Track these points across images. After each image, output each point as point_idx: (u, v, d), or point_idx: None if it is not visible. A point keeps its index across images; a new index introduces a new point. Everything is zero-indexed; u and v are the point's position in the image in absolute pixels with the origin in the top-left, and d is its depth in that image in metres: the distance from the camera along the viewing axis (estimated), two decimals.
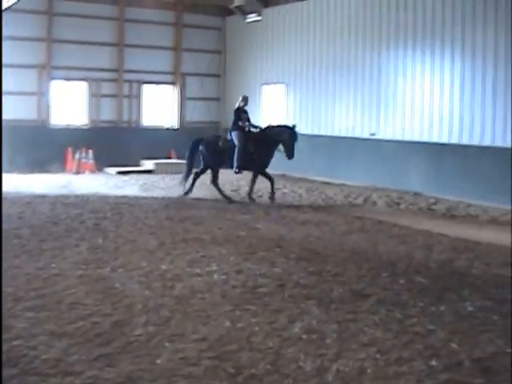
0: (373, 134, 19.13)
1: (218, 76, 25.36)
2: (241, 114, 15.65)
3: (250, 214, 13.39)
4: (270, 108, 23.06)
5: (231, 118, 15.87)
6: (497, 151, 15.56)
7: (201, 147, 15.77)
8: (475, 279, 8.35)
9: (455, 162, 16.57)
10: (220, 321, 6.47)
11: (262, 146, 15.29)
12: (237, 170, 15.41)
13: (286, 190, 17.31)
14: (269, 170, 15.64)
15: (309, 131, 20.94)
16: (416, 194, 16.91)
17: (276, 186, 15.60)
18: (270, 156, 15.55)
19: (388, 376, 5.16)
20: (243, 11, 21.23)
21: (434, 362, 5.40)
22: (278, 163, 16.21)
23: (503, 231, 12.15)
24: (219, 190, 15.61)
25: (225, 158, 15.49)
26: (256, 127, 15.79)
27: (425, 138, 17.56)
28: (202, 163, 15.85)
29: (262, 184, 15.62)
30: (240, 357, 5.53)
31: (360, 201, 15.81)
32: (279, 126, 15.85)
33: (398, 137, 18.32)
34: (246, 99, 15.96)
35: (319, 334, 6.10)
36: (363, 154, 19.19)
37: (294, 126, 15.43)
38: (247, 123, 15.58)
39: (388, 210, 14.84)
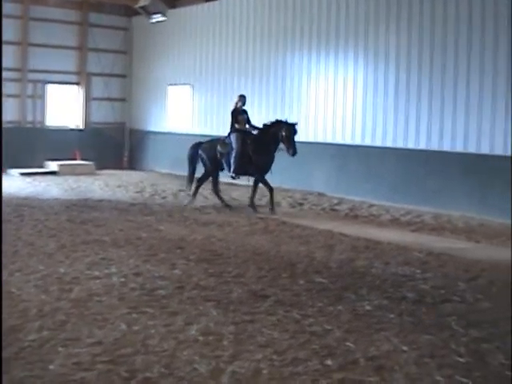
0: None
1: (123, 76, 25.04)
2: (238, 115, 14.68)
3: (152, 215, 13.23)
4: (176, 109, 22.91)
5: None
6: (397, 152, 15.89)
7: (200, 152, 15.11)
8: (374, 278, 8.45)
9: (358, 162, 16.82)
10: (116, 324, 6.33)
11: (261, 148, 14.31)
12: (233, 175, 14.60)
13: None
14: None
15: (214, 133, 20.91)
16: (320, 195, 17.09)
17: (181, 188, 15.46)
18: (271, 159, 14.39)
19: (283, 376, 5.14)
20: (148, 11, 21.12)
21: (329, 362, 5.41)
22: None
23: (403, 230, 12.44)
24: (220, 198, 14.94)
25: (224, 162, 14.72)
26: (256, 128, 14.72)
27: (328, 140, 17.76)
28: (203, 169, 15.28)
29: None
30: (134, 360, 5.41)
31: (263, 202, 15.84)
32: (275, 123, 14.34)
33: (303, 138, 18.44)
34: (242, 98, 14.96)
35: (216, 336, 6.03)
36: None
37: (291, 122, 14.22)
38: (248, 125, 14.72)
39: (291, 210, 14.92)
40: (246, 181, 15.04)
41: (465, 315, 6.95)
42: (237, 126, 14.59)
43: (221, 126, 21.08)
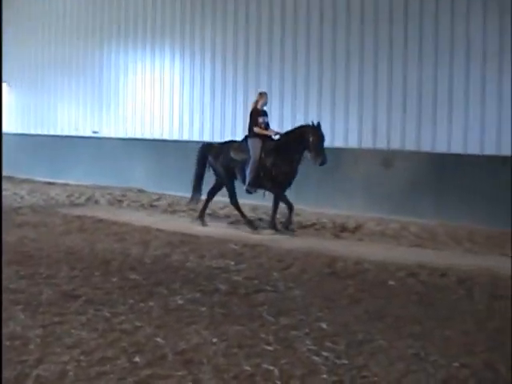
0: (95, 132, 18.91)
1: None
2: (258, 116, 12.27)
3: None
4: None
5: None
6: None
7: (209, 157, 12.68)
8: (189, 272, 8.46)
9: (177, 157, 16.83)
10: None
11: (284, 158, 11.91)
12: (248, 188, 12.11)
13: (8, 193, 16.46)
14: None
15: (32, 131, 20.27)
16: (140, 191, 16.95)
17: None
18: (294, 171, 12.05)
19: (90, 377, 4.99)
20: None
21: (137, 359, 5.33)
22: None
23: (221, 223, 12.61)
24: (241, 212, 12.57)
25: (237, 172, 12.35)
26: (277, 133, 12.43)
27: (147, 135, 17.67)
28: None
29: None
30: None
31: (82, 200, 15.50)
32: (300, 128, 12.06)
33: (121, 134, 18.27)
34: (264, 96, 12.51)
35: (22, 340, 5.77)
36: (86, 152, 18.91)
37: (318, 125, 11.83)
38: (273, 130, 12.50)
39: (110, 208, 14.69)
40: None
41: (276, 304, 7.09)
42: (256, 129, 12.17)
43: (39, 124, 20.52)
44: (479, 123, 13.26)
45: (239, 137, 14.99)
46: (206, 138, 16.31)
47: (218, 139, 16.04)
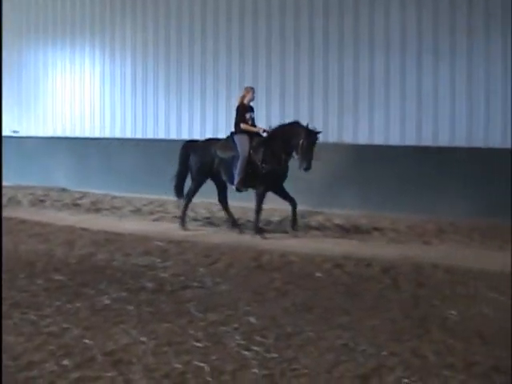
0: (15, 132, 18.51)
1: None
2: (245, 112, 11.66)
3: None
4: None
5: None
6: (138, 143, 15.98)
7: (191, 157, 12.00)
8: (115, 271, 8.36)
9: (99, 155, 16.65)
10: None
11: (272, 155, 11.32)
12: (238, 186, 11.50)
13: None
14: None
15: None
16: (62, 190, 16.68)
17: None
18: (285, 169, 11.49)
19: (18, 383, 4.90)
20: None
21: (66, 361, 5.25)
22: None
23: (145, 220, 12.54)
24: (229, 213, 12.07)
25: (223, 171, 11.73)
26: (264, 131, 11.68)
27: (68, 133, 17.40)
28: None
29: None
30: None
31: (4, 201, 15.15)
32: (293, 125, 11.37)
33: (42, 133, 17.94)
34: (252, 91, 11.82)
35: None
36: (6, 152, 18.46)
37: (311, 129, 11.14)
38: (261, 127, 11.79)
39: (33, 208, 14.41)
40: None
41: (204, 300, 7.08)
42: (243, 126, 11.57)
43: None
44: (399, 116, 13.56)
45: (162, 134, 15.00)
46: (128, 135, 16.20)
47: (139, 136, 16.00)
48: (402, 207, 12.90)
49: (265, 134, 11.61)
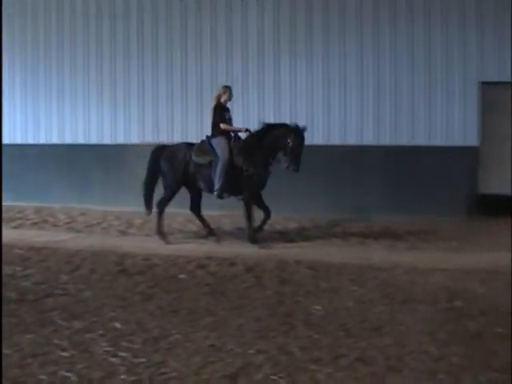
0: None
1: None
2: (224, 112, 10.99)
3: None
4: None
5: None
6: None
7: (162, 162, 11.17)
8: None
9: None
10: None
11: (256, 158, 10.70)
12: (219, 193, 10.72)
13: None
14: None
15: None
16: None
17: None
18: (267, 173, 10.89)
19: None
20: None
21: None
22: None
23: (5, 228, 12.17)
24: (203, 221, 11.35)
25: (200, 177, 10.96)
26: (247, 130, 11.02)
27: None
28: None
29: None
30: None
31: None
32: (277, 126, 10.96)
33: None
34: (229, 91, 11.12)
35: None
36: None
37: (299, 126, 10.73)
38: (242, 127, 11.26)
39: None
40: None
41: (68, 307, 6.97)
42: (223, 126, 10.86)
43: None
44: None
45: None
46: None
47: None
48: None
49: (245, 134, 11.05)
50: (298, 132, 10.56)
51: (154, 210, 11.20)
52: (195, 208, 11.34)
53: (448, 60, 13.48)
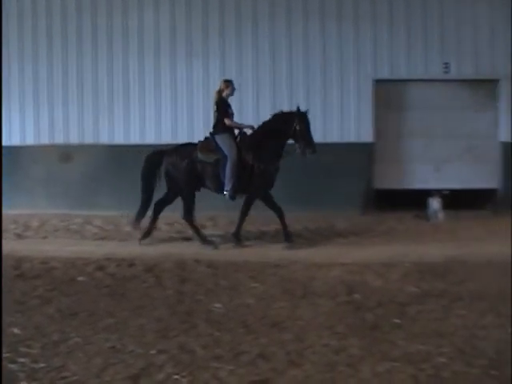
0: None
1: None
2: (227, 107, 10.33)
3: None
4: None
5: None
6: None
7: (165, 166, 10.44)
8: None
9: None
10: None
11: (267, 152, 10.21)
12: (231, 194, 10.12)
13: None
14: None
15: None
16: None
17: None
18: (278, 168, 10.38)
19: None
20: None
21: None
22: None
23: None
24: (195, 228, 10.50)
25: (208, 178, 10.34)
26: (252, 127, 10.47)
27: None
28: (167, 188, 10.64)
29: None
30: None
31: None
32: (277, 116, 10.38)
33: None
34: (231, 85, 10.48)
35: None
36: None
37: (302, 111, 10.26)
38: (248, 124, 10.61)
39: None
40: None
41: None
42: (227, 122, 10.25)
43: None
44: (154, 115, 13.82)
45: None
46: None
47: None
48: None
49: (250, 131, 10.50)
50: (302, 115, 10.19)
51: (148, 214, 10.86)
52: (161, 204, 10.74)
53: (343, 59, 13.77)
